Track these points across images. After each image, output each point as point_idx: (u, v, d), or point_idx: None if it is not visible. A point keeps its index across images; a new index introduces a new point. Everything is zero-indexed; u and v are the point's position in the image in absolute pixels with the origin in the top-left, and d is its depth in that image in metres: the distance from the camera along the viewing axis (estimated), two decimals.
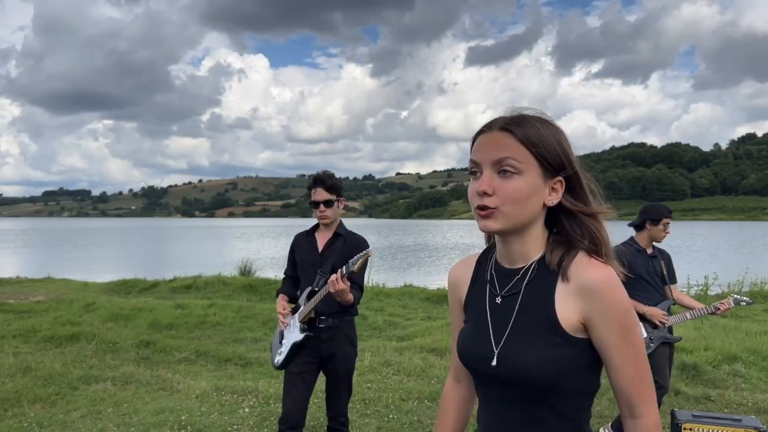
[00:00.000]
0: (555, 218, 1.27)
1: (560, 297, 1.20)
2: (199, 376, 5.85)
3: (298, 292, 3.38)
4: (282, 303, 3.39)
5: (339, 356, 3.25)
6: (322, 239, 3.33)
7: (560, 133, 1.24)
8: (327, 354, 3.24)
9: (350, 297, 3.07)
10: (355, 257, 2.95)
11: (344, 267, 2.96)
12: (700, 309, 4.05)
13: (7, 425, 4.44)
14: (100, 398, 5.09)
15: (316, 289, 3.18)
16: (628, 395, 1.20)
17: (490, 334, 1.26)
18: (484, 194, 1.19)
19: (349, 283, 3.00)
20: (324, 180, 3.24)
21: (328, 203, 3.23)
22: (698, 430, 3.69)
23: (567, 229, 1.25)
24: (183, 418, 4.54)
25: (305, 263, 3.33)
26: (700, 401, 5.10)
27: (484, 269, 1.35)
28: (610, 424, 4.16)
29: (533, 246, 1.25)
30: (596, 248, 1.23)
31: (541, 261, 1.24)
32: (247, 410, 4.76)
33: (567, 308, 1.19)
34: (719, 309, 4.00)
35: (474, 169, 1.23)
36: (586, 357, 1.20)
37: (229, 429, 4.39)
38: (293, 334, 3.20)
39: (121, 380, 5.60)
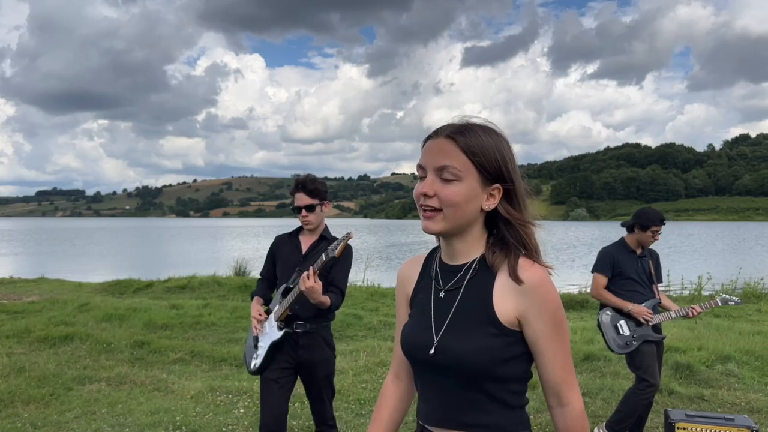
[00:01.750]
0: (494, 221, 1.38)
1: (498, 293, 1.32)
2: (194, 377, 5.84)
3: (273, 294, 3.28)
4: (257, 307, 3.27)
5: (318, 361, 3.16)
6: (306, 242, 3.25)
7: (502, 142, 1.34)
8: (304, 360, 3.14)
9: (325, 299, 2.97)
10: (336, 242, 2.84)
11: (324, 254, 2.85)
12: (678, 310, 4.09)
13: (1, 426, 4.42)
14: (94, 399, 5.07)
15: (291, 286, 3.07)
16: (557, 384, 1.33)
17: (432, 325, 1.37)
18: (426, 196, 1.31)
19: (321, 282, 2.90)
20: (305, 184, 3.15)
21: (310, 208, 3.15)
22: (692, 429, 3.71)
23: (503, 233, 1.36)
24: (178, 418, 4.53)
25: (287, 265, 3.21)
26: (693, 401, 5.12)
27: (430, 266, 1.47)
28: (604, 424, 4.18)
29: (474, 245, 1.38)
30: (528, 251, 1.35)
31: (482, 260, 1.36)
32: (242, 410, 4.75)
33: (504, 303, 1.31)
34: (689, 314, 4.03)
35: (420, 173, 1.34)
36: (517, 348, 1.32)
37: (224, 429, 4.39)
38: (271, 334, 3.11)
39: (116, 381, 5.59)
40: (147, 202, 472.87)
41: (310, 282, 2.85)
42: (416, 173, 1.36)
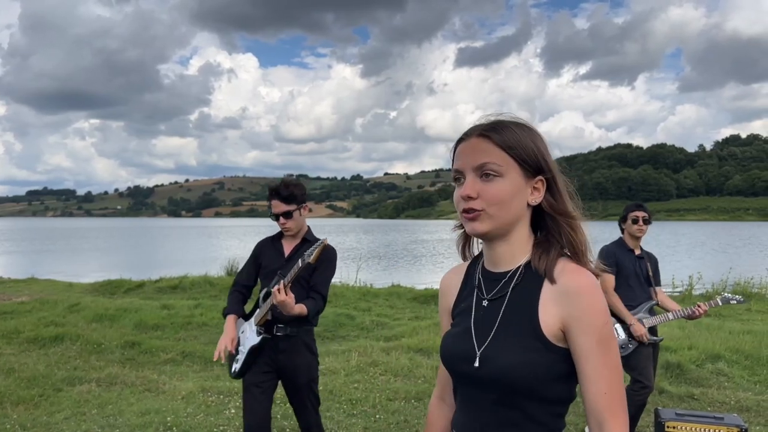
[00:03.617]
0: (539, 222, 1.30)
1: (544, 302, 1.22)
2: (185, 377, 5.82)
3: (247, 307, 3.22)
4: (232, 333, 3.05)
5: (299, 366, 3.07)
6: (288, 246, 3.19)
7: (536, 135, 1.28)
8: (285, 364, 3.06)
9: (301, 310, 2.89)
10: (311, 248, 2.78)
11: (300, 260, 2.79)
12: (678, 311, 4.09)
13: None
14: (84, 400, 5.04)
15: (271, 289, 2.97)
16: (600, 410, 1.18)
17: (473, 335, 1.28)
18: (469, 198, 1.22)
19: (293, 295, 2.83)
20: (279, 191, 3.06)
21: (287, 215, 3.07)
22: (682, 428, 3.73)
23: (549, 231, 1.28)
24: (169, 419, 4.51)
25: (270, 270, 3.13)
26: (683, 400, 5.15)
27: (473, 275, 1.37)
28: None
29: (519, 249, 1.28)
30: (575, 251, 1.26)
31: (528, 265, 1.26)
32: (233, 411, 4.73)
33: (549, 314, 1.21)
34: (695, 313, 4.02)
35: (458, 176, 1.27)
36: (563, 366, 1.20)
37: (215, 430, 4.37)
38: (250, 339, 3.04)
39: (106, 381, 5.55)
40: (138, 201, 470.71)
41: (281, 296, 2.78)
42: (452, 178, 1.28)
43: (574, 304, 1.19)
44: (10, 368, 5.80)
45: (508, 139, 1.23)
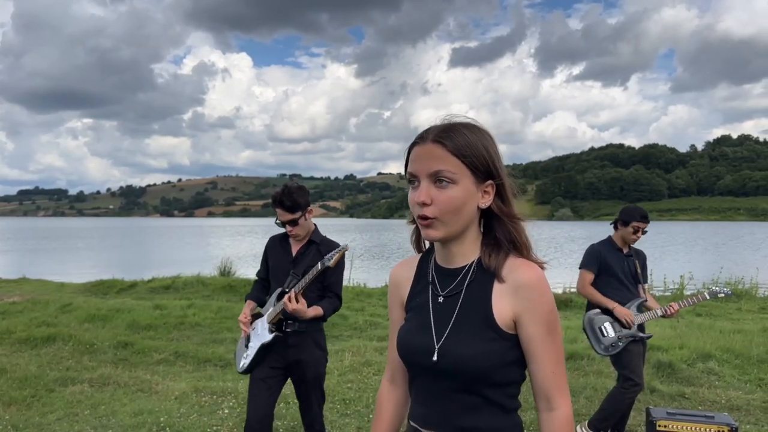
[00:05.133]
0: (486, 221, 1.38)
1: (496, 296, 1.32)
2: (178, 378, 5.80)
3: (267, 297, 3.29)
4: (246, 311, 3.27)
5: (307, 362, 3.15)
6: (296, 245, 3.25)
7: (488, 138, 1.34)
8: (294, 360, 3.14)
9: (316, 312, 3.01)
10: (331, 253, 2.89)
11: (320, 263, 2.90)
12: (659, 309, 4.13)
13: None
14: (76, 400, 5.02)
15: (287, 290, 3.08)
16: (548, 388, 1.32)
17: (432, 330, 1.35)
18: (423, 204, 1.28)
19: (305, 302, 2.92)
20: (282, 201, 3.10)
21: (293, 223, 3.13)
22: (672, 427, 3.76)
23: (496, 231, 1.35)
24: (162, 419, 4.51)
25: (277, 269, 3.23)
26: (674, 399, 5.19)
27: (425, 270, 1.44)
28: (587, 422, 4.22)
29: (470, 248, 1.37)
30: (518, 249, 1.35)
31: (479, 262, 1.35)
32: (226, 411, 4.73)
33: (502, 306, 1.31)
34: (667, 312, 4.08)
35: (412, 180, 1.32)
36: (516, 352, 1.32)
37: (209, 430, 4.37)
38: (261, 336, 3.12)
39: (99, 382, 5.54)
40: (131, 201, 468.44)
41: (292, 305, 2.88)
42: (405, 177, 1.34)
43: (525, 296, 1.30)
44: (1, 369, 5.76)
45: (461, 146, 1.28)
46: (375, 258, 27.87)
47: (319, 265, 2.89)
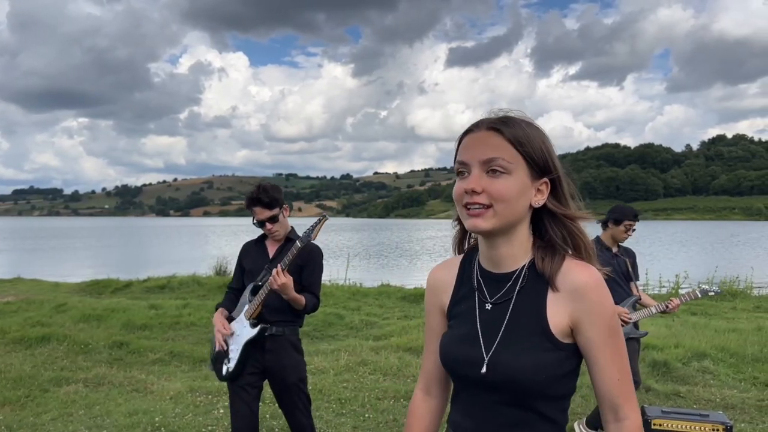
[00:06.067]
0: (537, 222, 1.28)
1: (551, 302, 1.22)
2: (173, 377, 5.79)
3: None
4: (221, 319, 3.12)
5: (286, 366, 3.05)
6: (272, 246, 3.17)
7: (544, 135, 1.25)
8: (271, 365, 3.04)
9: (299, 297, 2.92)
10: (311, 224, 2.79)
11: (298, 240, 2.84)
12: (656, 306, 4.15)
13: None
14: (71, 400, 5.01)
15: (260, 283, 2.99)
16: (614, 397, 1.22)
17: (480, 340, 1.25)
18: (473, 192, 1.18)
19: (291, 278, 2.84)
20: (260, 198, 3.02)
21: (273, 219, 3.05)
22: (668, 425, 3.76)
23: (551, 232, 1.25)
24: (157, 419, 4.49)
25: (255, 271, 3.12)
26: (670, 397, 5.20)
27: (468, 274, 1.33)
28: (584, 420, 4.23)
29: (520, 249, 1.26)
30: (578, 251, 1.25)
31: (531, 266, 1.25)
32: (221, 411, 4.72)
33: (557, 312, 1.21)
34: (668, 307, 4.09)
35: (462, 170, 1.22)
36: (570, 362, 1.23)
37: (204, 430, 4.36)
38: (243, 334, 3.01)
39: (94, 382, 5.52)
40: (126, 201, 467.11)
41: (280, 278, 2.79)
42: (455, 171, 1.23)
43: (583, 299, 1.20)
44: None
45: (519, 135, 1.19)
46: (371, 257, 27.86)
47: (297, 243, 2.81)
